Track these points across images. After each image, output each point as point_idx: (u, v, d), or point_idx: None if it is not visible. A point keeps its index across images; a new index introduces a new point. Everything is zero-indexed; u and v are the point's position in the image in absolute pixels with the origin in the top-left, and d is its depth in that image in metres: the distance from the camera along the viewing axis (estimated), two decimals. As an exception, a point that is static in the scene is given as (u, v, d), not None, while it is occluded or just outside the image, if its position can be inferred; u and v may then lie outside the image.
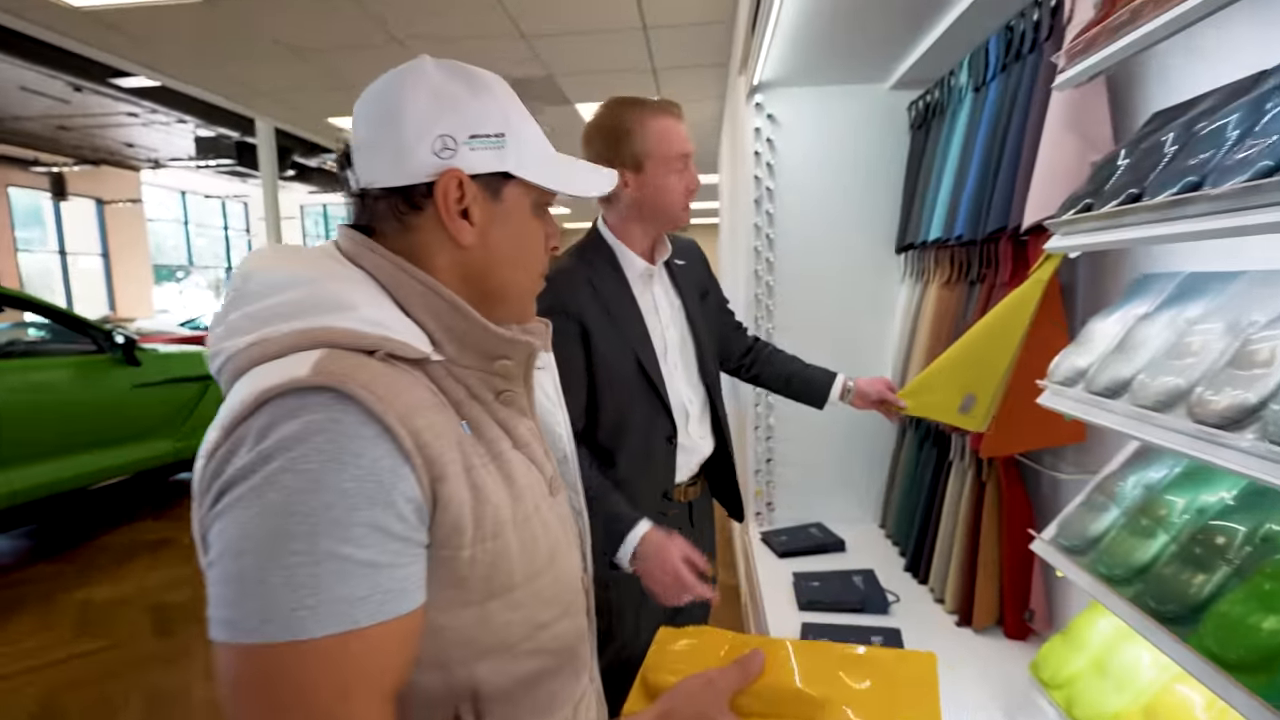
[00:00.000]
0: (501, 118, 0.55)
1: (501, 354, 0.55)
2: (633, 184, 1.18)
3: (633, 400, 1.19)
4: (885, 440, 1.77)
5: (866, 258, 1.74)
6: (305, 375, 0.43)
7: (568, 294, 1.15)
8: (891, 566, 1.51)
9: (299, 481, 0.40)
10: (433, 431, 0.46)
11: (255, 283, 0.49)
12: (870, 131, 1.71)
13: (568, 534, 0.61)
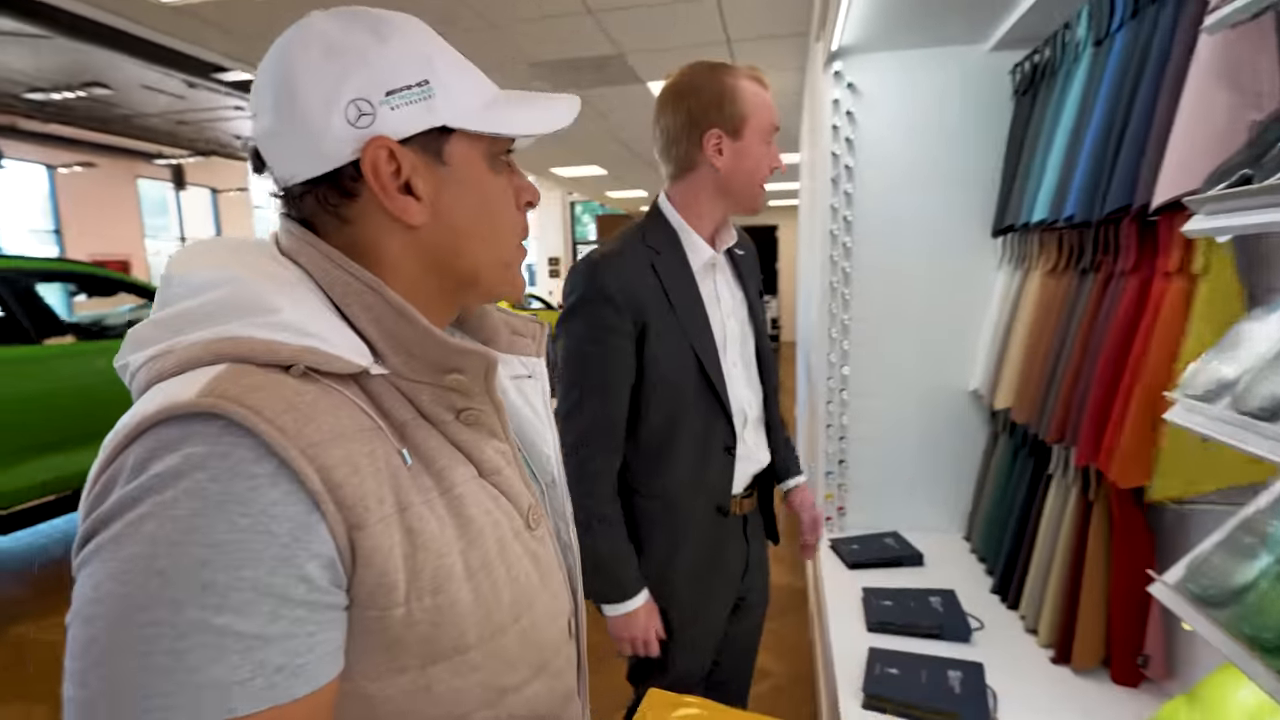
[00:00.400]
0: (421, 61, 0.44)
1: (452, 366, 0.45)
2: (727, 151, 1.08)
3: (688, 403, 1.09)
4: (973, 443, 1.60)
5: (958, 242, 1.57)
6: (190, 398, 0.35)
7: (626, 282, 1.04)
8: (976, 587, 1.36)
9: (167, 531, 0.32)
10: (350, 467, 0.38)
11: (176, 285, 0.42)
12: (965, 99, 1.52)
13: (548, 575, 0.52)
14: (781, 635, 2.32)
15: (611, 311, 1.03)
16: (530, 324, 0.60)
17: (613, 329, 1.04)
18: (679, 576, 1.12)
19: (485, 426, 0.49)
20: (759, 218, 13.12)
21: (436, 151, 0.46)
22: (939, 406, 1.63)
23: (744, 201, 1.13)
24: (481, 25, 3.29)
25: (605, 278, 1.04)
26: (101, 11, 3.15)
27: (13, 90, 5.71)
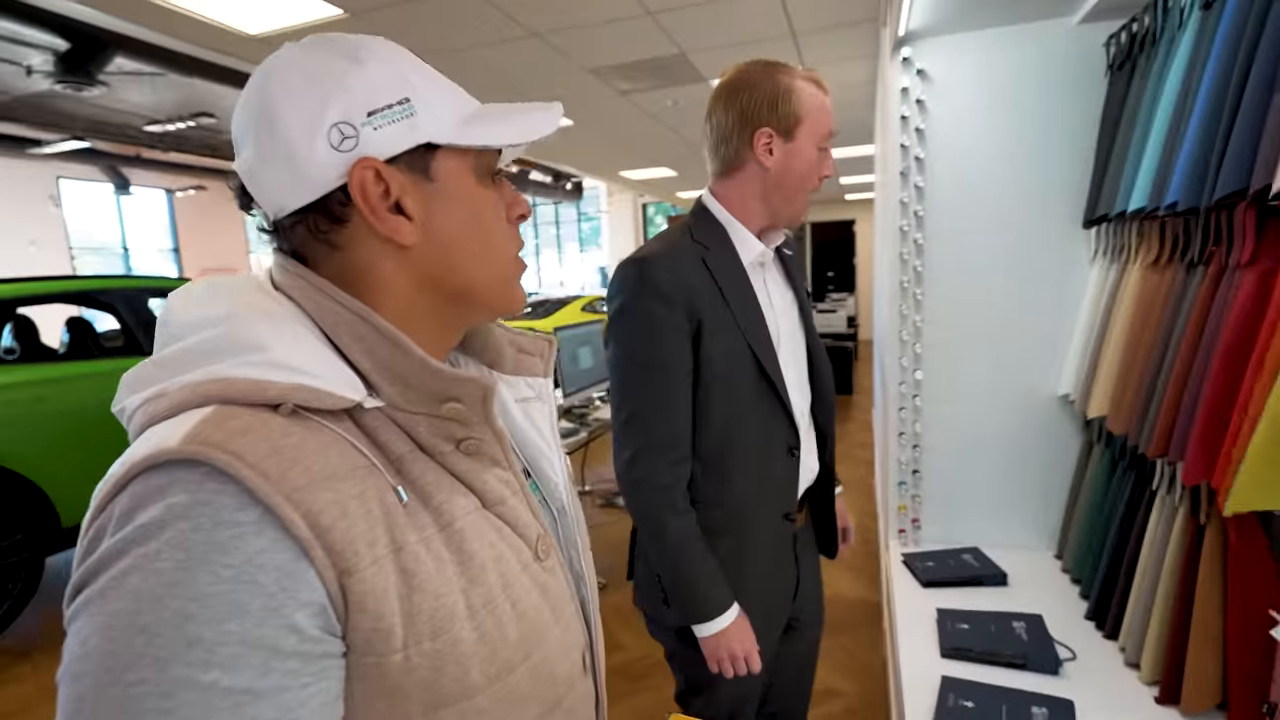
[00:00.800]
0: (399, 80, 0.44)
1: (449, 395, 0.44)
2: (778, 151, 1.04)
3: (748, 404, 1.03)
4: (1065, 453, 1.47)
5: (1044, 235, 1.44)
6: (174, 445, 0.34)
7: (677, 276, 0.99)
8: (1068, 611, 1.24)
9: (150, 586, 0.32)
10: (339, 509, 0.37)
11: (172, 326, 0.42)
12: (1051, 78, 1.40)
13: (560, 608, 0.50)
14: (853, 652, 2.22)
15: (664, 308, 0.98)
16: (538, 342, 0.58)
17: (668, 326, 0.99)
18: (743, 591, 1.06)
19: (487, 455, 0.47)
20: (837, 211, 12.80)
21: (423, 169, 0.45)
22: (1025, 413, 1.51)
23: (786, 209, 1.09)
24: (530, 36, 3.35)
25: (654, 273, 0.99)
26: (201, 48, 3.42)
27: (135, 124, 6.31)
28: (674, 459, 1.01)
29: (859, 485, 4.03)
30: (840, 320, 7.52)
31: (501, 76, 4.01)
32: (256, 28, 3.12)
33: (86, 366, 2.88)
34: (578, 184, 10.43)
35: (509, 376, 0.57)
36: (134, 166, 8.24)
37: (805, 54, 3.75)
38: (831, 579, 2.73)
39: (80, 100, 5.45)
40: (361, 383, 0.43)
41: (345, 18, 3.00)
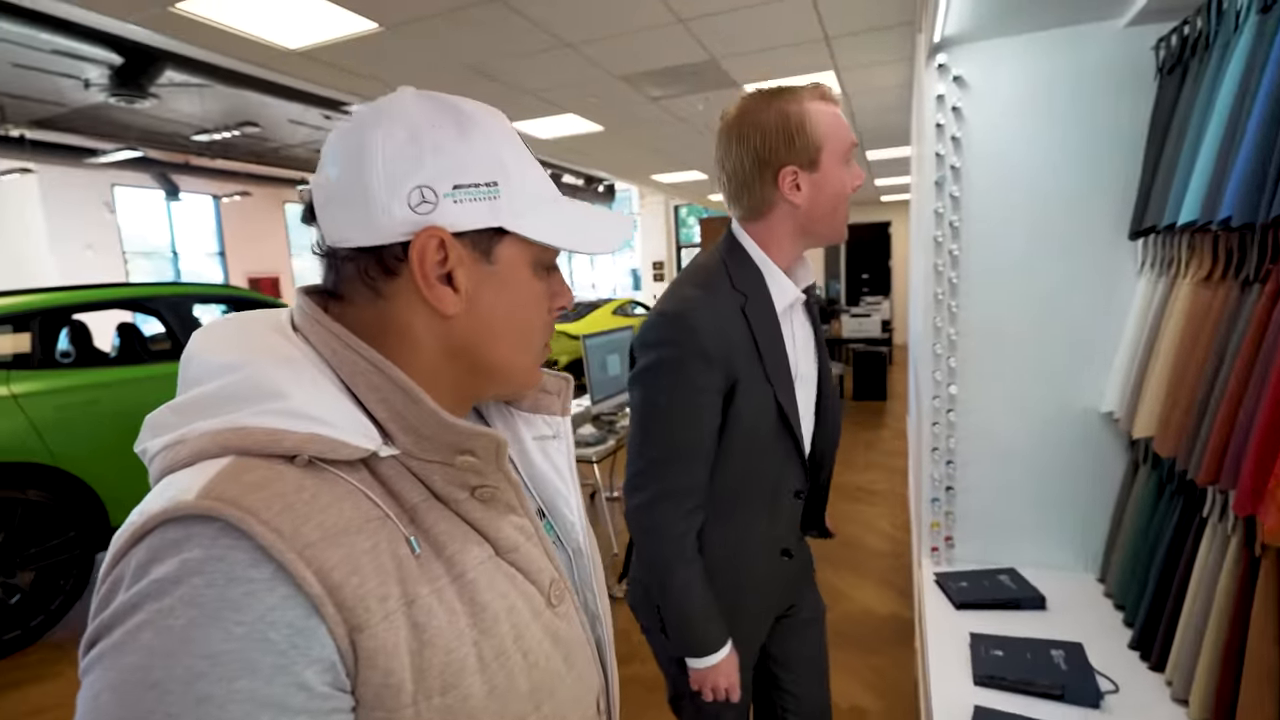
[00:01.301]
0: (494, 161, 0.44)
1: (463, 448, 0.44)
2: (805, 186, 1.00)
3: (765, 450, 1.04)
4: (1108, 471, 1.41)
5: (1086, 246, 1.39)
6: (190, 500, 0.35)
7: (720, 334, 0.97)
8: (1110, 639, 1.19)
9: (162, 642, 0.32)
10: (351, 565, 0.37)
11: (195, 367, 0.42)
12: (1095, 84, 1.35)
13: (573, 654, 0.50)
14: (883, 671, 2.17)
15: (703, 367, 0.96)
16: (556, 380, 0.57)
17: (703, 389, 0.97)
18: (738, 623, 1.09)
19: (502, 502, 0.47)
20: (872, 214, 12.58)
21: (486, 250, 0.46)
22: (1066, 430, 1.45)
23: (828, 233, 1.06)
24: (562, 47, 3.37)
25: (697, 331, 0.96)
26: (245, 63, 3.53)
27: (184, 132, 6.56)
28: (689, 508, 1.01)
29: (891, 495, 3.95)
30: (875, 325, 7.38)
31: (533, 86, 4.05)
32: (295, 43, 3.21)
33: (136, 370, 3.00)
34: (610, 187, 10.47)
35: (527, 414, 0.56)
36: (183, 174, 8.56)
37: (838, 58, 3.69)
38: (863, 593, 2.68)
39: (133, 111, 5.69)
40: (377, 431, 0.43)
41: (379, 31, 3.07)
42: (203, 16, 2.88)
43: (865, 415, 6.19)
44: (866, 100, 4.63)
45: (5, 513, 2.49)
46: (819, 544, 1.34)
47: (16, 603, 2.55)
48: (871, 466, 4.55)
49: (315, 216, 0.46)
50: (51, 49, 4.28)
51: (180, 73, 4.33)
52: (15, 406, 2.55)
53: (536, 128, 5.21)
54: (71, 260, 8.22)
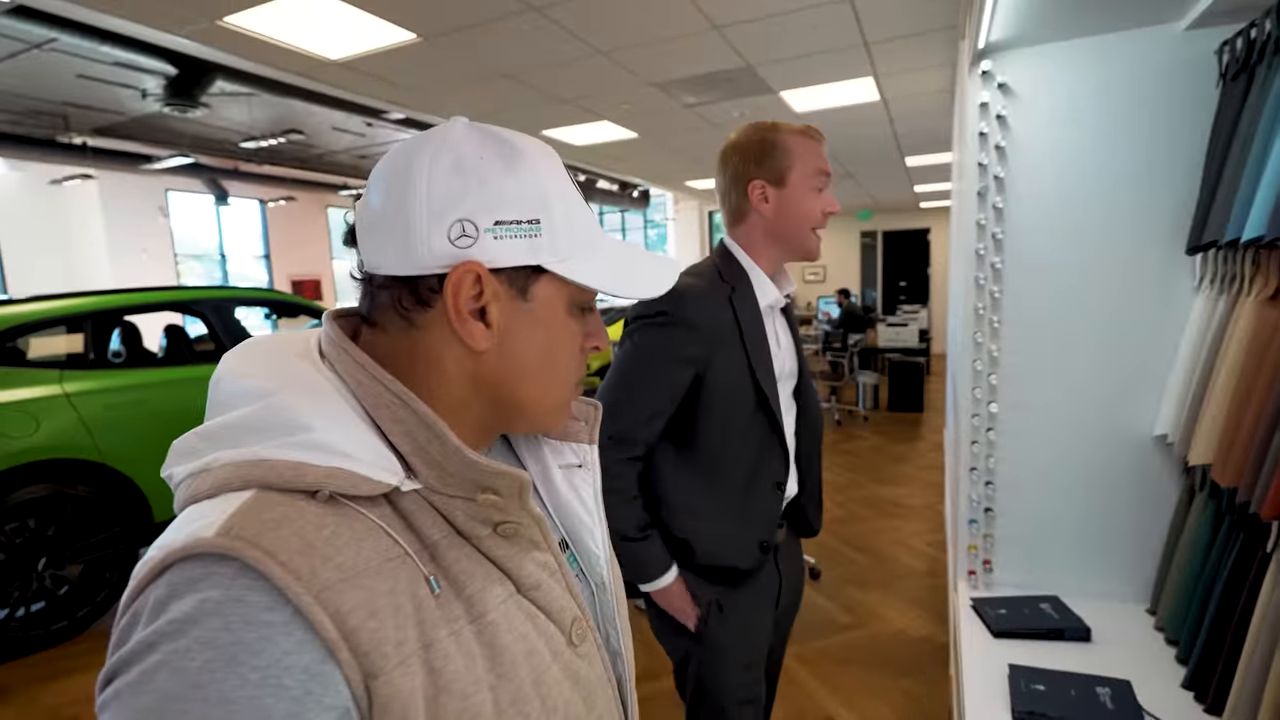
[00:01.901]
0: (538, 198, 0.44)
1: (485, 485, 0.43)
2: (772, 199, 1.16)
3: (744, 435, 1.16)
4: (1160, 497, 1.34)
5: (1140, 260, 1.32)
6: (210, 537, 0.34)
7: (707, 311, 1.12)
8: (1161, 677, 1.12)
9: (176, 684, 0.32)
10: (368, 610, 0.36)
11: (223, 390, 0.42)
12: (1151, 90, 1.28)
13: (593, 695, 0.48)
14: (916, 697, 2.10)
15: (685, 336, 1.11)
16: (585, 408, 0.56)
17: (679, 357, 1.11)
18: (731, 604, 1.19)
19: (525, 538, 0.46)
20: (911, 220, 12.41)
21: (523, 288, 0.45)
22: (1115, 453, 1.38)
23: (796, 247, 1.19)
24: (596, 55, 3.38)
25: (691, 310, 1.11)
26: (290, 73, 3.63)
27: (232, 139, 6.79)
28: (630, 455, 1.13)
29: (926, 511, 3.84)
30: (912, 334, 7.21)
31: (568, 94, 4.08)
32: (336, 54, 3.29)
33: (181, 371, 3.10)
34: (644, 192, 10.49)
35: (555, 442, 0.55)
36: (232, 179, 8.86)
37: (878, 63, 3.63)
38: (894, 613, 2.61)
39: (186, 119, 5.92)
40: (400, 464, 0.42)
41: (418, 41, 3.12)
42: (249, 29, 2.97)
43: (900, 427, 6.05)
44: (906, 105, 4.54)
45: (56, 507, 2.59)
46: (848, 561, 1.38)
47: (65, 594, 2.65)
48: (906, 480, 4.44)
49: (356, 239, 0.46)
50: (113, 61, 4.48)
51: (230, 83, 4.49)
52: (68, 404, 2.66)
53: (571, 135, 5.25)
54: (127, 262, 8.57)
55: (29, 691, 2.28)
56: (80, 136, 6.34)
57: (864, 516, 3.77)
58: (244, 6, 2.74)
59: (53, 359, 2.86)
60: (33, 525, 2.56)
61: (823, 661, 2.32)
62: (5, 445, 2.45)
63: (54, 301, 2.83)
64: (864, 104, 4.46)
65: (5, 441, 2.45)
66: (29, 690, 2.29)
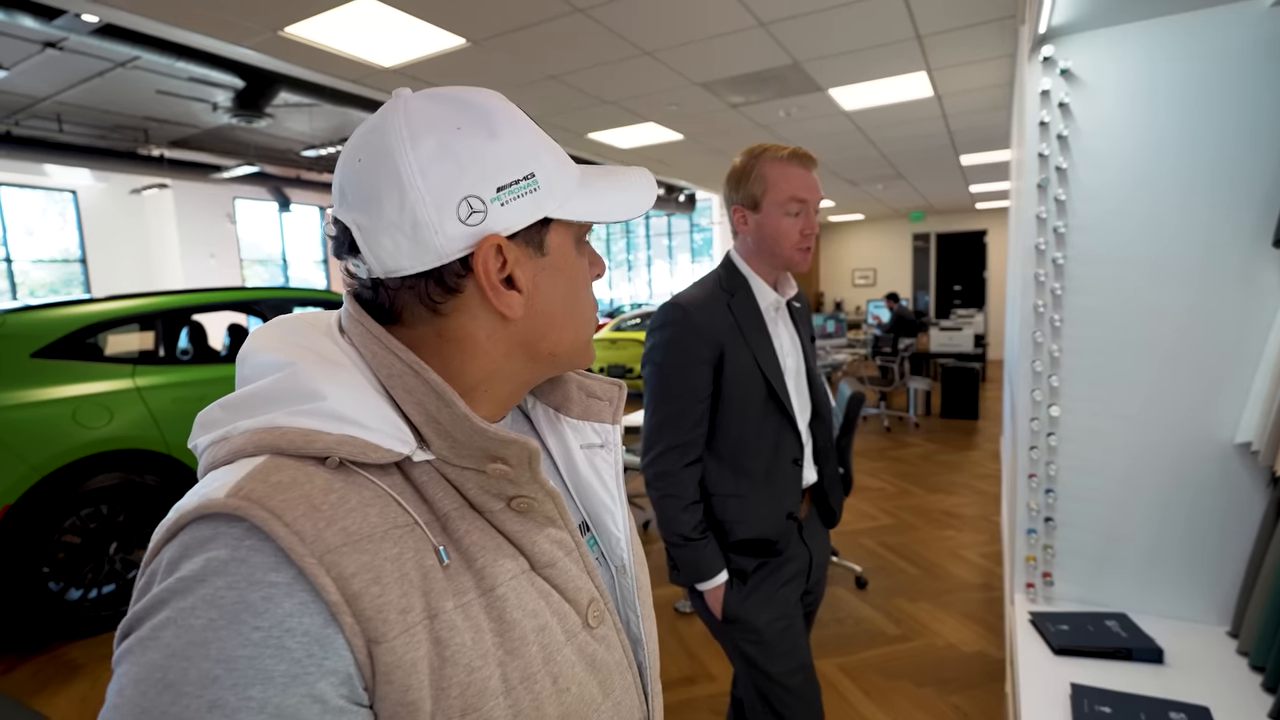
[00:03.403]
0: (528, 152, 0.43)
1: (494, 455, 0.42)
2: (750, 221, 1.29)
3: (760, 421, 1.28)
4: (1243, 510, 1.24)
5: (1217, 255, 1.23)
6: (220, 499, 0.35)
7: (709, 318, 1.27)
8: (1244, 705, 1.03)
9: (181, 642, 0.32)
10: (371, 575, 0.36)
11: (248, 365, 0.43)
12: (1231, 73, 1.19)
13: (610, 680, 0.46)
14: (967, 713, 2.00)
15: (695, 342, 1.26)
16: (608, 386, 0.55)
17: (696, 359, 1.26)
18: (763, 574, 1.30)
19: (540, 513, 0.45)
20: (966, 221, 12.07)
21: (539, 243, 0.45)
22: (1191, 461, 1.29)
23: (779, 262, 1.30)
24: (642, 55, 3.37)
25: (693, 317, 1.27)
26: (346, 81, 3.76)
27: (295, 149, 7.09)
28: (689, 459, 1.28)
29: (981, 521, 3.68)
30: (966, 339, 6.95)
31: (614, 96, 4.10)
32: (389, 61, 3.39)
33: (242, 367, 3.24)
34: (690, 196, 10.46)
35: (575, 421, 0.54)
36: (294, 187, 9.27)
37: (931, 57, 3.51)
38: (945, 627, 2.50)
39: (252, 130, 6.21)
40: (413, 435, 0.42)
41: (468, 46, 3.19)
42: (307, 39, 3.10)
43: (954, 435, 5.83)
44: (960, 101, 4.39)
45: (126, 495, 2.74)
46: (897, 571, 1.41)
47: (133, 578, 2.80)
48: (959, 489, 4.27)
49: (349, 252, 0.44)
50: (187, 76, 4.75)
51: (292, 94, 4.69)
52: (139, 398, 2.81)
53: (617, 137, 5.28)
54: (197, 267, 9.06)
55: (99, 669, 2.41)
56: (158, 149, 6.74)
57: (914, 525, 3.64)
58: (302, 16, 2.85)
59: (126, 355, 3.02)
60: (105, 511, 2.71)
61: (868, 673, 2.24)
62: (82, 434, 2.61)
63: (128, 301, 3.00)
64: (916, 100, 4.33)
65: (82, 431, 2.61)
66: (100, 668, 2.42)
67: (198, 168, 7.34)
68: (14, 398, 2.51)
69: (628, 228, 14.47)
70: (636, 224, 14.38)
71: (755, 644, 1.30)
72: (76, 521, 2.65)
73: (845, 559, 3.09)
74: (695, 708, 2.07)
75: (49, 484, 2.53)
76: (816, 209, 1.29)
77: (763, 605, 1.30)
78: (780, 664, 1.30)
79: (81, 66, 4.54)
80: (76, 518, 2.64)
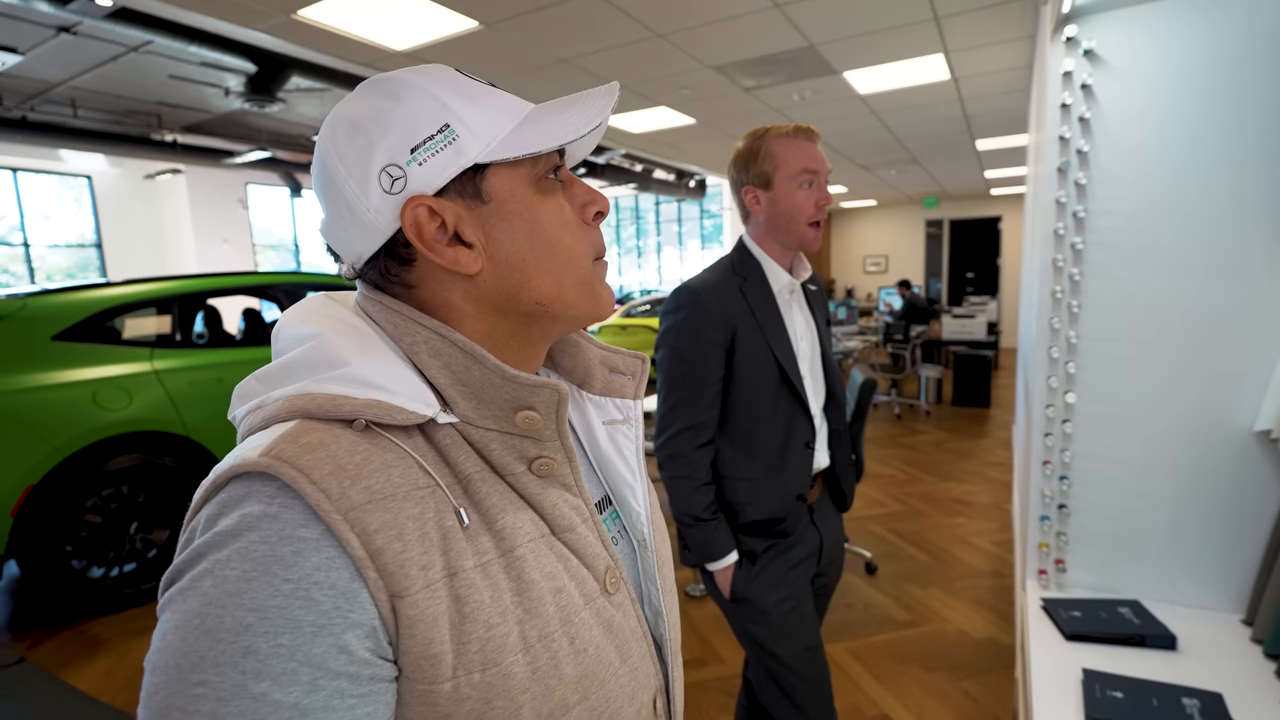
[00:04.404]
0: (437, 107, 0.42)
1: (524, 403, 0.43)
2: (763, 201, 1.28)
3: (771, 401, 1.29)
4: (1261, 498, 1.23)
5: (1241, 240, 1.21)
6: (254, 458, 0.36)
7: (721, 302, 1.27)
8: (1258, 691, 1.04)
9: (217, 591, 0.34)
10: (394, 531, 0.37)
11: (282, 339, 0.45)
12: (1259, 54, 1.17)
13: (627, 646, 0.47)
14: (978, 699, 2.01)
15: (708, 325, 1.26)
16: (630, 360, 0.55)
17: (709, 342, 1.26)
18: (773, 554, 1.32)
19: (558, 478, 0.46)
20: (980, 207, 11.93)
21: (475, 192, 0.44)
22: (1208, 448, 1.28)
23: (793, 241, 1.30)
24: (654, 38, 3.34)
25: (704, 298, 1.28)
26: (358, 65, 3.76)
27: (306, 134, 7.09)
28: (702, 440, 1.29)
29: (993, 509, 3.67)
30: (979, 326, 6.89)
31: (626, 79, 4.06)
32: (402, 44, 3.38)
33: (259, 352, 3.27)
34: (701, 182, 10.39)
35: (597, 397, 0.55)
36: (306, 172, 9.28)
37: (949, 39, 3.46)
38: (956, 613, 2.51)
39: (264, 115, 6.22)
40: (437, 400, 0.43)
41: (480, 29, 3.17)
42: (320, 22, 3.09)
43: (966, 422, 5.80)
44: (978, 85, 4.32)
45: (146, 476, 2.79)
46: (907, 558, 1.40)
47: (154, 557, 2.86)
48: (971, 477, 4.26)
49: (333, 256, 0.47)
50: (200, 61, 4.75)
51: (304, 78, 4.68)
52: (156, 381, 2.85)
53: (629, 121, 5.24)
54: (210, 252, 9.12)
55: (123, 644, 2.47)
56: (171, 134, 6.76)
57: (924, 512, 3.64)
58: None
59: (143, 339, 3.06)
60: (125, 492, 2.76)
61: (878, 658, 2.25)
62: (102, 416, 2.65)
63: (145, 285, 3.03)
64: (933, 83, 4.26)
65: (102, 413, 2.66)
66: (123, 643, 2.48)
67: (210, 153, 7.37)
68: (36, 380, 2.55)
69: (638, 214, 14.41)
70: (647, 210, 14.30)
71: (763, 624, 1.31)
72: (98, 501, 2.70)
73: (855, 545, 3.10)
74: (705, 689, 2.09)
75: (71, 465, 2.58)
76: (827, 180, 1.29)
77: (771, 586, 1.31)
78: (787, 644, 1.31)
79: (95, 51, 4.56)
80: (98, 498, 2.69)
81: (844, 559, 1.53)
